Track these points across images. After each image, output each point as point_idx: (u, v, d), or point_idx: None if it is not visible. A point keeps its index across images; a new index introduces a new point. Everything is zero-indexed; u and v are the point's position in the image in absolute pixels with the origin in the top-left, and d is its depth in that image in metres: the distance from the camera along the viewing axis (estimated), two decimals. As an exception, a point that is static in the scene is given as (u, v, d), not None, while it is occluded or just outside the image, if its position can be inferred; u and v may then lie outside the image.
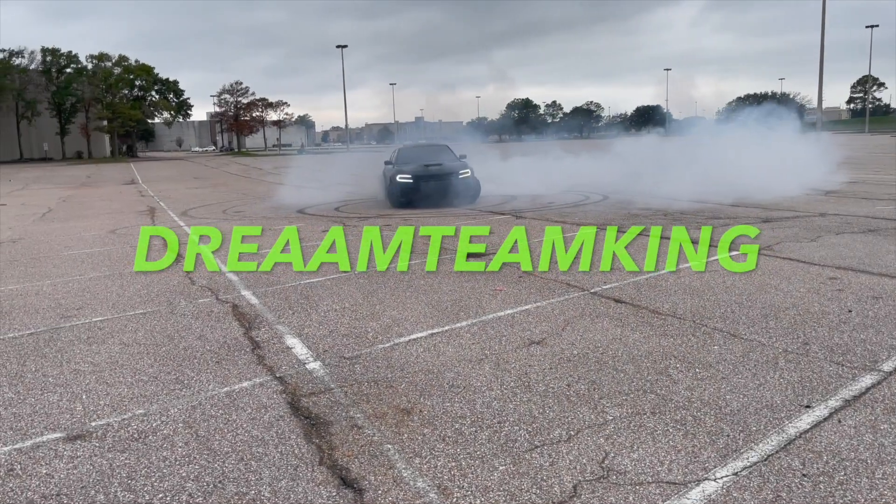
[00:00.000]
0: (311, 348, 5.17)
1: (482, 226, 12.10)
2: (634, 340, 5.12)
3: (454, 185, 15.47)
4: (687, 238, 9.48)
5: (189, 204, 19.58)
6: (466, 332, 5.45)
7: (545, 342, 5.14)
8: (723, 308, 5.96)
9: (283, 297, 6.94)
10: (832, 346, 4.84)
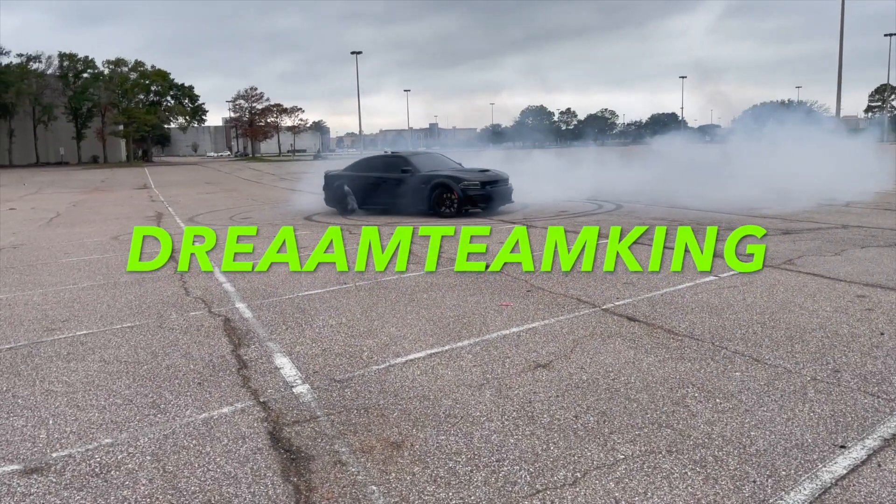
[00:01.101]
0: (301, 369, 4.83)
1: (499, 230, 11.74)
2: (649, 365, 4.74)
3: (508, 190, 15.59)
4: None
5: (198, 210, 19.38)
6: (468, 353, 5.09)
7: (552, 365, 4.77)
8: (744, 328, 5.56)
9: (278, 310, 6.62)
10: (865, 374, 4.44)
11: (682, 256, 8.74)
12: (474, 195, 14.53)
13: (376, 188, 15.61)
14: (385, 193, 15.50)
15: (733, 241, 9.71)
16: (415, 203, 14.93)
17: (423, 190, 14.81)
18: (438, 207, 14.64)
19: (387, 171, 15.69)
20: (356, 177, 15.96)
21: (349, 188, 15.77)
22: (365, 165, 16.51)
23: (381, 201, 15.59)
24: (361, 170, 16.19)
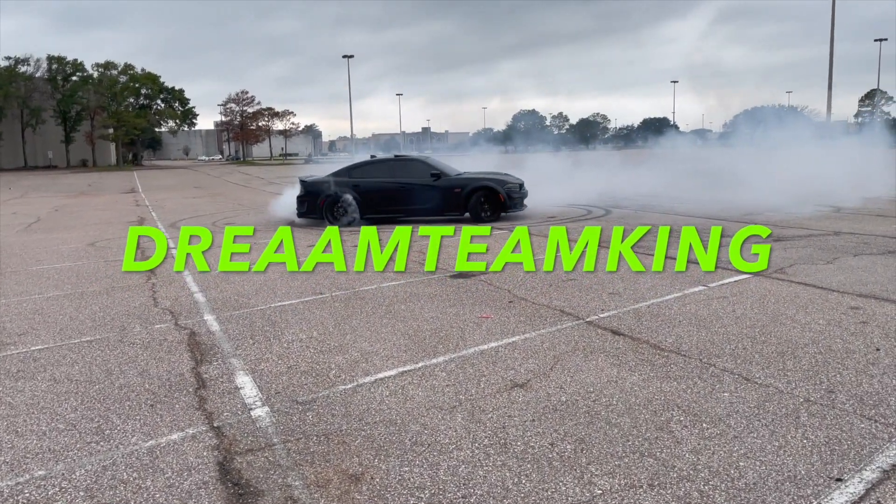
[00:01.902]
0: (263, 389, 4.53)
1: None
2: (632, 384, 4.46)
3: (525, 194, 15.44)
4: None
5: (182, 214, 19.04)
6: (442, 371, 4.81)
7: (530, 385, 4.49)
8: (733, 343, 5.29)
9: (248, 322, 6.32)
10: (861, 394, 4.17)
11: (662, 260, 8.50)
12: (516, 198, 14.76)
13: (395, 195, 14.48)
14: (406, 200, 14.47)
15: (713, 248, 9.48)
16: (443, 208, 14.59)
17: (456, 195, 14.53)
18: (479, 212, 14.52)
19: (409, 176, 14.65)
20: (363, 183, 14.45)
21: (352, 196, 14.26)
22: (372, 171, 14.86)
23: (399, 208, 14.49)
24: (368, 175, 14.67)
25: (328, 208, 14.33)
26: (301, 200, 14.64)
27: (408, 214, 14.52)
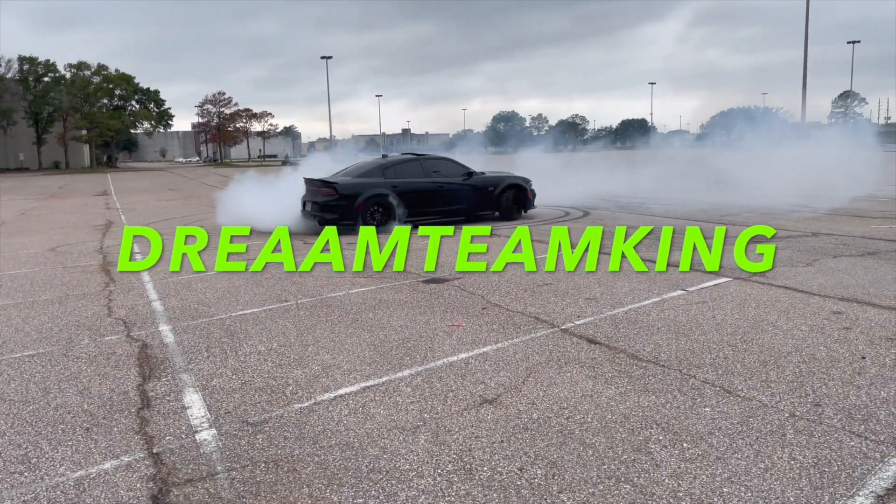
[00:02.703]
0: (212, 408, 4.20)
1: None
2: (608, 399, 4.19)
3: None
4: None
5: (152, 217, 18.54)
6: (407, 386, 4.50)
7: (500, 401, 4.20)
8: (713, 352, 5.05)
9: (205, 333, 5.96)
10: (849, 408, 3.94)
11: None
12: (532, 196, 15.07)
13: (433, 195, 13.60)
14: (443, 201, 13.72)
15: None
16: (477, 208, 14.20)
17: (489, 194, 14.34)
18: (511, 210, 14.63)
19: (442, 175, 13.90)
20: (400, 184, 13.21)
21: (393, 198, 12.97)
22: (406, 171, 13.62)
23: (436, 209, 13.65)
24: (403, 175, 13.43)
25: (366, 212, 12.72)
26: (333, 206, 12.56)
27: (444, 216, 13.78)
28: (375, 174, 13.41)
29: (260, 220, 13.84)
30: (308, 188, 13.40)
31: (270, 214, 13.85)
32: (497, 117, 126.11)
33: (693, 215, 14.39)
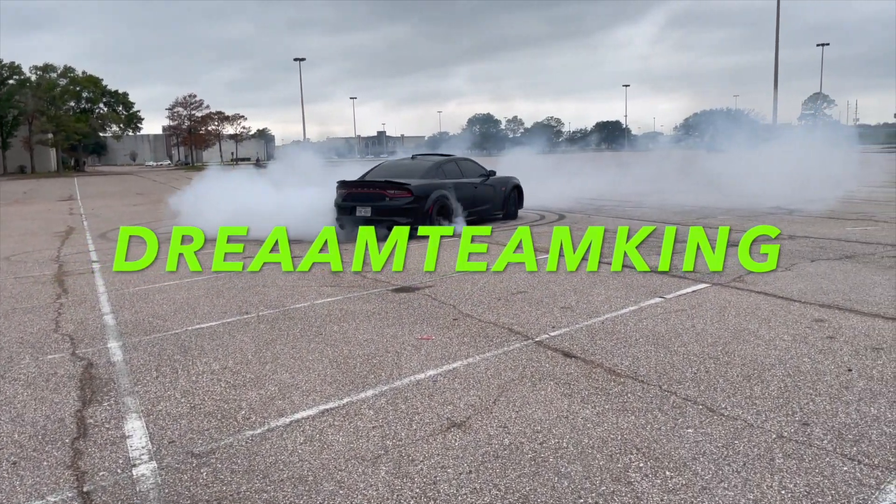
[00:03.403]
0: (155, 438, 3.84)
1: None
2: (585, 420, 3.91)
3: None
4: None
5: (115, 223, 17.96)
6: (369, 409, 4.18)
7: (469, 424, 3.90)
8: (695, 365, 4.80)
9: (157, 350, 5.58)
10: (839, 427, 3.71)
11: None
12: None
13: (473, 196, 13.66)
14: (478, 201, 13.92)
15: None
16: (495, 207, 14.79)
17: (502, 193, 14.94)
18: (515, 210, 15.36)
19: (472, 176, 13.95)
20: (455, 185, 13.09)
21: (451, 199, 12.76)
22: (452, 172, 13.53)
23: (474, 209, 13.67)
24: (452, 177, 13.35)
25: (434, 213, 12.41)
26: (407, 208, 12.02)
27: (478, 215, 13.94)
28: (435, 175, 13.05)
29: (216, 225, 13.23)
30: (359, 191, 12.41)
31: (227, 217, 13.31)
32: (472, 120, 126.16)
33: (669, 218, 14.26)
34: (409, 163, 14.25)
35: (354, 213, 12.28)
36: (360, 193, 12.35)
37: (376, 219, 12.10)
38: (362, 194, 12.32)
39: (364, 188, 12.43)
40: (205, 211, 14.33)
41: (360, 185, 12.60)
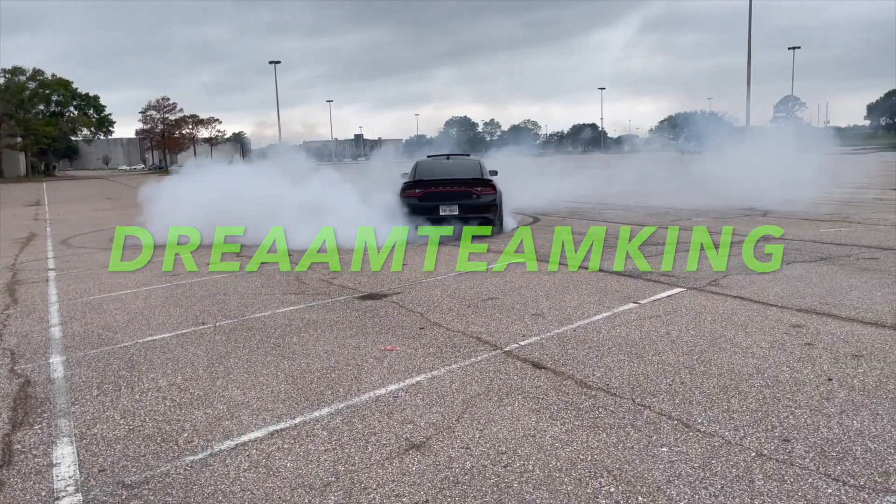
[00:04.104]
0: (85, 465, 3.51)
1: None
2: (553, 439, 3.65)
3: None
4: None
5: (80, 229, 17.45)
6: (323, 429, 3.88)
7: (429, 446, 3.62)
8: (669, 376, 4.57)
9: (102, 365, 5.23)
10: (821, 444, 3.49)
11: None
12: None
13: None
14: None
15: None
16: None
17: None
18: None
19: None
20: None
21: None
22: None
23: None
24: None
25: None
26: (491, 205, 12.27)
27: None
28: (488, 173, 13.18)
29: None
30: (442, 190, 12.25)
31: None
32: (450, 122, 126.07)
33: (643, 220, 14.12)
34: (454, 162, 14.22)
35: (437, 212, 12.07)
36: (443, 192, 12.20)
37: (464, 216, 12.07)
38: (446, 193, 12.19)
39: (448, 186, 12.29)
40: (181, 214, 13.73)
41: (442, 183, 12.40)
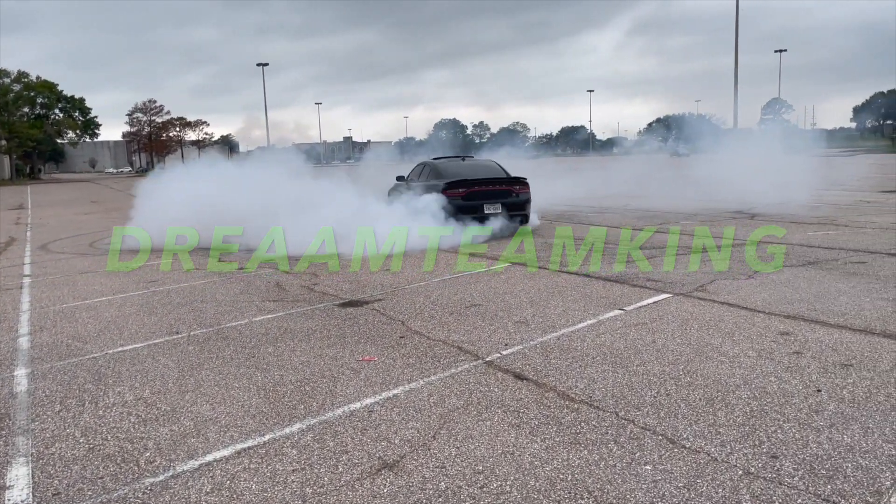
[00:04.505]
0: (39, 488, 3.32)
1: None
2: (532, 456, 3.50)
3: None
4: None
5: (60, 234, 17.16)
6: (293, 447, 3.71)
7: (402, 465, 3.46)
8: (654, 387, 4.43)
9: (68, 378, 5.03)
10: (810, 460, 3.35)
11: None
12: None
13: None
14: None
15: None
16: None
17: None
18: None
19: None
20: None
21: None
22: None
23: None
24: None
25: None
26: (527, 202, 13.07)
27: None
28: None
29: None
30: (485, 189, 12.61)
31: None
32: (439, 125, 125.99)
33: (631, 223, 14.02)
34: (474, 162, 14.74)
35: (482, 210, 12.45)
36: (486, 191, 12.64)
37: (507, 214, 12.58)
38: (489, 192, 12.65)
39: (490, 185, 12.77)
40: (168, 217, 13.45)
41: (484, 182, 12.82)
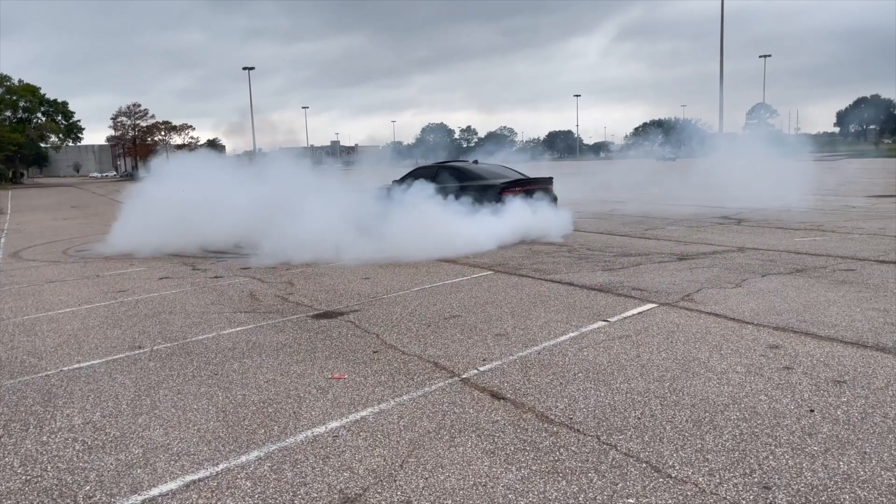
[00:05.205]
0: (-39, 530, 3.01)
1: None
2: (506, 488, 3.23)
3: None
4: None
5: (36, 240, 16.75)
6: (247, 479, 3.42)
7: (364, 498, 3.18)
8: (638, 408, 4.18)
9: (17, 398, 4.72)
10: (805, 491, 3.11)
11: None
12: None
13: None
14: None
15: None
16: None
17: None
18: None
19: None
20: None
21: None
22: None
23: None
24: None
25: None
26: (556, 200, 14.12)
27: None
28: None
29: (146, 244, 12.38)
30: (528, 188, 13.36)
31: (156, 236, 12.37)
32: (426, 129, 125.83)
33: (616, 229, 13.81)
34: (489, 165, 15.41)
35: None
36: (534, 189, 13.49)
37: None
38: (535, 190, 13.50)
39: (536, 185, 13.65)
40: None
41: (527, 182, 13.66)
